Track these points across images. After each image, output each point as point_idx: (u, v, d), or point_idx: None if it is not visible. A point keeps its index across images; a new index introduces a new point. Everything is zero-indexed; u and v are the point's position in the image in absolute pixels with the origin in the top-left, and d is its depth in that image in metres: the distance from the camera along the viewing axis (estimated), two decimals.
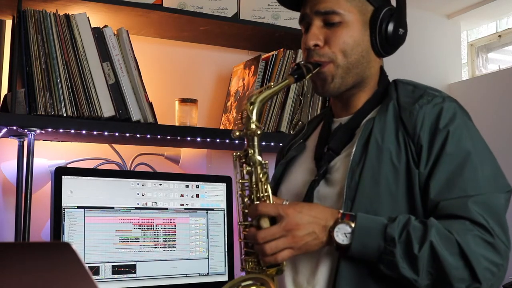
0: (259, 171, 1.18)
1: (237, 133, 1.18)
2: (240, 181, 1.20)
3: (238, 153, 1.20)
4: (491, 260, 1.09)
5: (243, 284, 1.15)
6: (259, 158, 1.18)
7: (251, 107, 1.18)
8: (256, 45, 2.31)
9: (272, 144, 2.06)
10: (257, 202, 1.16)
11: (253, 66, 2.19)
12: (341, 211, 1.15)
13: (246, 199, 1.19)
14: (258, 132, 1.17)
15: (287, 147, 1.47)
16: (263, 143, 2.08)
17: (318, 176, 1.26)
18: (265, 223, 1.13)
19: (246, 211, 1.19)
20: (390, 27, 1.27)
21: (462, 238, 1.09)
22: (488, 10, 2.83)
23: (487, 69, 3.01)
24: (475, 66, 3.03)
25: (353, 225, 1.11)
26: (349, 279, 1.15)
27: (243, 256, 1.20)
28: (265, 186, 1.17)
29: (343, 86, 1.28)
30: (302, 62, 1.26)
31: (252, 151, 1.18)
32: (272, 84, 1.22)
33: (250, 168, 1.18)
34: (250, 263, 1.18)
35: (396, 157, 1.18)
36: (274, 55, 2.16)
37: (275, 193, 1.24)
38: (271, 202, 1.17)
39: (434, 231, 1.09)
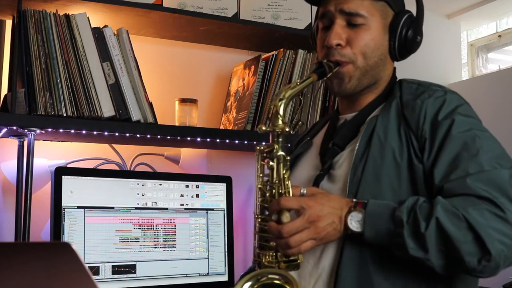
0: (282, 167, 1.18)
1: (264, 128, 1.19)
2: (261, 175, 1.21)
3: (262, 148, 1.22)
4: (502, 232, 1.06)
5: (268, 276, 1.14)
6: (284, 154, 1.19)
7: (280, 103, 1.18)
8: (256, 45, 2.31)
9: None
10: (278, 197, 1.16)
11: (253, 66, 2.19)
12: (354, 199, 1.16)
13: (267, 194, 1.19)
14: (287, 129, 1.18)
15: (295, 144, 1.50)
16: (263, 143, 2.08)
17: (323, 171, 1.28)
18: (285, 217, 1.14)
19: (266, 205, 1.19)
20: (410, 33, 1.31)
21: (468, 212, 1.07)
22: (488, 10, 2.83)
23: (487, 69, 3.00)
24: (475, 66, 3.02)
25: (364, 211, 1.13)
26: (352, 265, 1.16)
27: (257, 250, 1.20)
28: (287, 182, 1.18)
29: (359, 87, 1.31)
30: (325, 61, 1.27)
31: (277, 146, 1.19)
32: (298, 81, 1.23)
33: (273, 164, 1.19)
34: (267, 257, 1.17)
35: (399, 154, 1.20)
36: (274, 55, 2.16)
37: None
38: (291, 196, 1.17)
39: (440, 208, 1.08)
